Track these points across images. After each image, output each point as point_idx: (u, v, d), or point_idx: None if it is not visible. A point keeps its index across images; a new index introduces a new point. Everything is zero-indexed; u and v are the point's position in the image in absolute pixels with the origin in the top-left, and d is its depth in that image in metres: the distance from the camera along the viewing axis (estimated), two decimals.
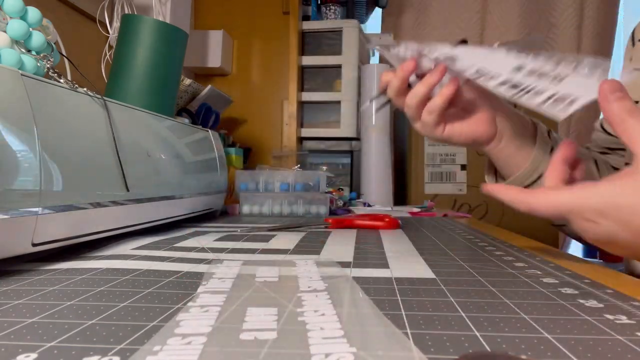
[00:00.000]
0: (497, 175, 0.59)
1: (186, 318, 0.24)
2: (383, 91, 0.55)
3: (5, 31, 0.43)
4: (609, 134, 0.64)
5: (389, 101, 0.55)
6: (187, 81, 1.07)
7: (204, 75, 1.45)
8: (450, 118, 0.52)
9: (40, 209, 0.35)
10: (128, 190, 0.49)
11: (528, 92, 0.40)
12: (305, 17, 1.50)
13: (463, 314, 0.25)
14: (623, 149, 0.62)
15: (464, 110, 0.52)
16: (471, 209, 1.38)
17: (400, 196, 1.46)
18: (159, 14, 0.95)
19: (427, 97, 0.50)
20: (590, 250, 1.77)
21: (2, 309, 0.25)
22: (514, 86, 0.41)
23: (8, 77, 0.35)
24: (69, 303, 0.26)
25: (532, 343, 0.21)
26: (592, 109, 1.78)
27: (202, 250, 0.45)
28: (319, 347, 0.20)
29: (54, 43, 0.50)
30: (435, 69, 0.48)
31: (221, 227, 0.65)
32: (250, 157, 1.39)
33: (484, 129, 0.52)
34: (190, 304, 0.26)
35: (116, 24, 0.87)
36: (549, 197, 0.34)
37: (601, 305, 0.26)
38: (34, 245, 0.36)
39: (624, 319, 0.24)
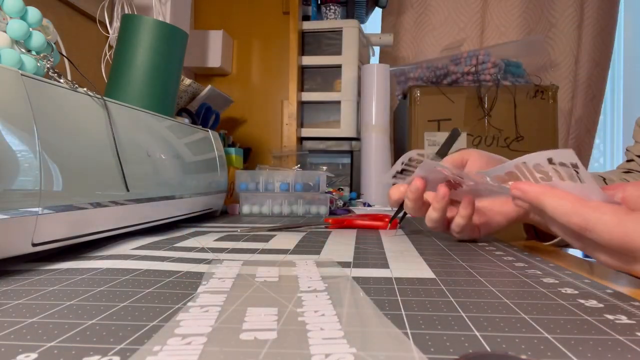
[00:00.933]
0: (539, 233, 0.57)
1: (186, 318, 0.24)
2: (399, 206, 0.56)
3: (5, 31, 0.43)
4: None
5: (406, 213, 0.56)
6: (187, 81, 1.07)
7: (204, 75, 1.45)
8: (480, 218, 0.51)
9: (40, 209, 0.35)
10: (128, 190, 0.49)
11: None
12: (305, 17, 1.50)
13: (463, 314, 0.25)
14: None
15: (490, 204, 0.52)
16: None
17: None
18: (159, 14, 0.95)
19: (445, 218, 0.50)
20: None
21: (2, 309, 0.25)
22: None
23: (8, 77, 0.35)
24: (69, 303, 0.26)
25: (532, 343, 0.21)
26: (592, 110, 1.78)
27: (202, 250, 0.45)
28: (319, 348, 0.20)
29: (54, 43, 0.50)
30: (438, 194, 0.48)
31: (221, 227, 0.65)
32: (250, 157, 1.39)
33: (515, 210, 0.51)
34: (190, 304, 0.26)
35: (116, 24, 0.87)
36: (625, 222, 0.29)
37: (601, 305, 0.26)
38: (34, 245, 0.36)
39: (624, 319, 0.24)
